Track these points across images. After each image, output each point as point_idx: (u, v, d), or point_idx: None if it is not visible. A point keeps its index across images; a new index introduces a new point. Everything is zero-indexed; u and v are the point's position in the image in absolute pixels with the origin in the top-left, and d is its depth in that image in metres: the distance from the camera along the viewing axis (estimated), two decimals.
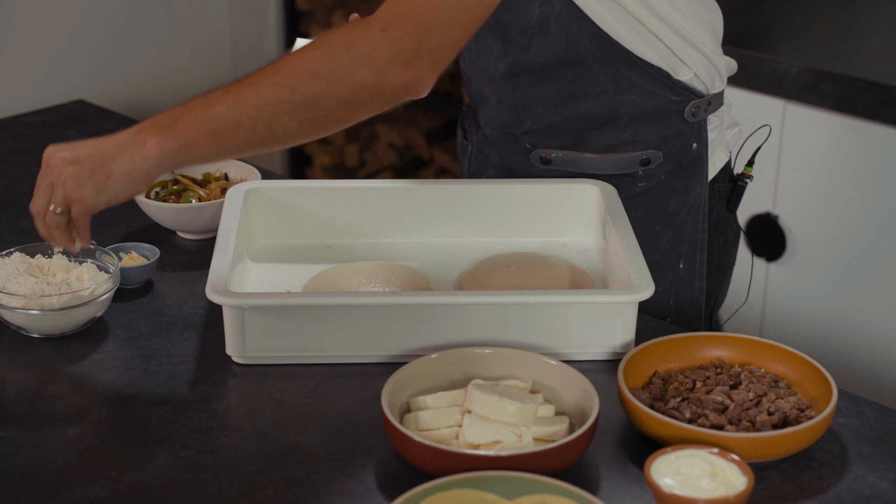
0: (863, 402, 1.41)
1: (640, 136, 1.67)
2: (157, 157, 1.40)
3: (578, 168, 1.70)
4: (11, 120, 2.22)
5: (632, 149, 1.68)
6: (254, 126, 1.39)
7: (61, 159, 1.42)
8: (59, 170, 1.42)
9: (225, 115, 1.39)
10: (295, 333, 1.44)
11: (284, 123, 1.39)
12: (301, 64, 1.39)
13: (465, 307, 1.44)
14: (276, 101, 1.38)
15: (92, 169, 1.41)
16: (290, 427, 1.36)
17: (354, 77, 1.39)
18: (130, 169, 1.40)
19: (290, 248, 1.68)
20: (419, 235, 1.70)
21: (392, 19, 1.40)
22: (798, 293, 2.51)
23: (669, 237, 1.72)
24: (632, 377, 1.37)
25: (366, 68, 1.39)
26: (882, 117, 2.33)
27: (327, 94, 1.39)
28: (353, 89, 1.39)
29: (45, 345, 1.51)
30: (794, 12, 2.73)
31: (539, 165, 1.71)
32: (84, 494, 1.26)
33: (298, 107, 1.39)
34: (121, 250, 1.66)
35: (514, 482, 1.19)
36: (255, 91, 1.39)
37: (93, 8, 2.83)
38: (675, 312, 1.74)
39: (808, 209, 2.47)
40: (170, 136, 1.39)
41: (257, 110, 1.38)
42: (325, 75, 1.38)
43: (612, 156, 1.68)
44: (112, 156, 1.41)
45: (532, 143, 1.70)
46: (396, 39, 1.39)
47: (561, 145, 1.69)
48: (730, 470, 1.22)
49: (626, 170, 1.69)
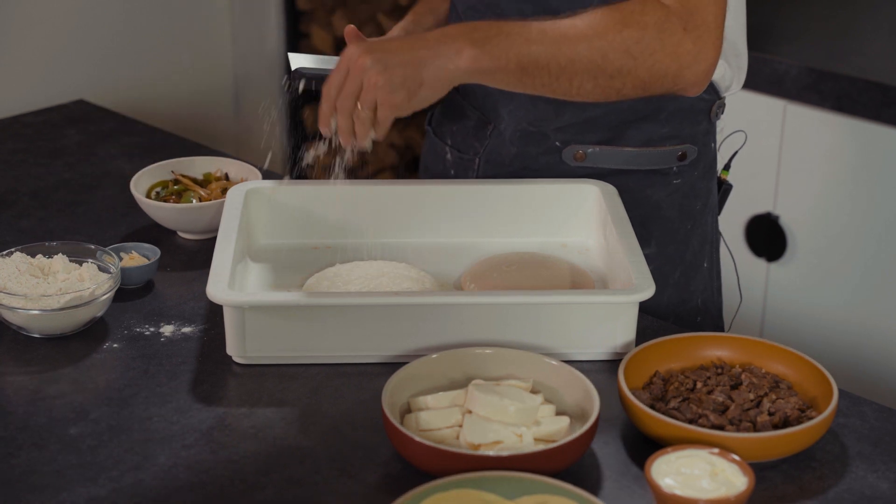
0: (863, 402, 1.41)
1: (677, 131, 1.67)
2: (468, 70, 1.44)
3: (613, 164, 1.68)
4: (12, 120, 2.22)
5: (669, 143, 1.68)
6: (558, 75, 1.47)
7: (372, 62, 1.41)
8: (371, 74, 1.41)
9: (539, 55, 1.45)
10: (295, 333, 1.44)
11: (584, 83, 1.48)
12: (619, 39, 1.46)
13: (466, 307, 1.44)
14: (587, 62, 1.46)
15: (405, 76, 1.42)
16: (291, 427, 1.36)
17: (659, 66, 1.48)
18: (442, 76, 1.44)
19: (290, 248, 1.68)
20: (419, 235, 1.70)
21: (689, 17, 1.48)
22: (799, 293, 2.51)
23: (697, 237, 1.73)
24: (632, 377, 1.37)
25: (671, 61, 1.48)
26: (883, 117, 2.33)
27: (631, 72, 1.48)
28: (652, 75, 1.49)
29: (46, 345, 1.51)
30: (794, 12, 2.73)
31: (570, 163, 1.68)
32: (84, 494, 1.26)
33: (603, 74, 1.48)
34: (121, 250, 1.66)
35: (515, 482, 1.19)
36: (572, 45, 1.46)
37: (93, 8, 2.83)
38: (703, 311, 1.76)
39: (809, 209, 2.47)
40: (485, 54, 1.44)
41: (568, 63, 1.46)
42: (637, 56, 1.47)
43: (650, 150, 1.67)
44: (424, 62, 1.43)
45: (564, 140, 1.68)
46: (698, 40, 1.48)
47: (597, 140, 1.67)
48: (730, 470, 1.22)
49: (662, 165, 1.69)
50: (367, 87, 1.42)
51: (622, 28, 1.47)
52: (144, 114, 2.79)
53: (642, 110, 1.65)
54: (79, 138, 2.15)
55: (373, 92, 1.42)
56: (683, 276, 1.73)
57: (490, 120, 1.74)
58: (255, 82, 3.34)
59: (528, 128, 1.69)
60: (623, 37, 1.47)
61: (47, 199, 1.90)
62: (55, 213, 1.85)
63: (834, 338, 2.48)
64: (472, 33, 1.45)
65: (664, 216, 1.71)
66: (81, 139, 2.14)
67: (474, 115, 1.77)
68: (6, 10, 2.66)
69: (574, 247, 1.70)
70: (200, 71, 3.19)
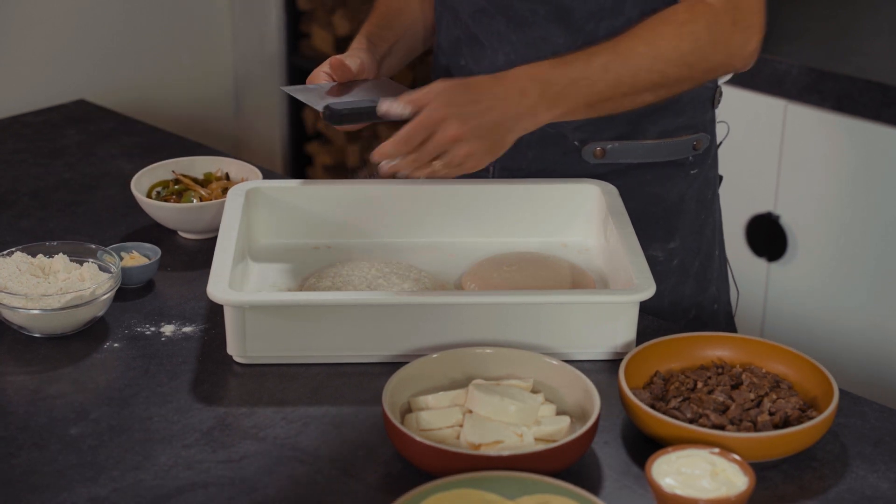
0: (864, 402, 1.41)
1: (691, 120, 1.70)
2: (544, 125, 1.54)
3: (632, 158, 1.69)
4: (12, 120, 2.22)
5: (684, 133, 1.70)
6: (622, 101, 1.55)
7: (460, 130, 1.45)
8: (462, 147, 1.46)
9: (602, 92, 1.53)
10: (296, 333, 1.44)
11: (645, 98, 1.57)
12: (676, 55, 1.54)
13: (466, 307, 1.44)
14: (648, 83, 1.55)
15: (492, 144, 1.48)
16: (291, 427, 1.36)
17: (713, 64, 1.57)
18: (520, 136, 1.52)
19: (291, 247, 1.68)
20: (420, 235, 1.70)
21: (737, 11, 1.55)
22: (799, 293, 2.51)
23: (710, 225, 1.76)
24: (633, 377, 1.37)
25: (723, 57, 1.56)
26: (883, 117, 2.33)
27: (688, 78, 1.57)
28: (707, 73, 1.58)
29: (46, 344, 1.51)
30: (794, 12, 2.73)
31: (590, 160, 1.69)
32: (85, 494, 1.26)
33: (663, 88, 1.56)
34: (122, 250, 1.66)
35: (516, 482, 1.19)
36: (633, 74, 1.53)
37: (94, 8, 2.83)
38: (718, 299, 1.79)
39: (810, 209, 2.47)
40: (558, 109, 1.52)
41: (630, 89, 1.54)
42: (693, 65, 1.55)
43: (667, 141, 1.69)
44: (508, 129, 1.49)
45: (582, 139, 1.69)
46: (746, 28, 1.56)
47: (615, 135, 1.68)
48: (731, 470, 1.22)
49: (679, 156, 1.70)
50: (455, 156, 1.47)
51: (678, 43, 1.54)
52: (144, 114, 2.79)
53: (659, 102, 1.65)
54: (79, 138, 2.15)
55: (460, 160, 1.47)
56: (701, 265, 1.76)
57: None
58: (255, 82, 3.34)
59: (547, 129, 1.68)
60: (680, 52, 1.54)
61: (47, 199, 1.90)
62: (55, 213, 1.85)
63: (834, 338, 2.47)
64: (546, 90, 1.50)
65: (686, 208, 1.73)
66: (81, 139, 2.14)
67: None
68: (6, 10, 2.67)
69: (574, 247, 1.70)
70: (200, 71, 3.19)
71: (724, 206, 1.83)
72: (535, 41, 1.64)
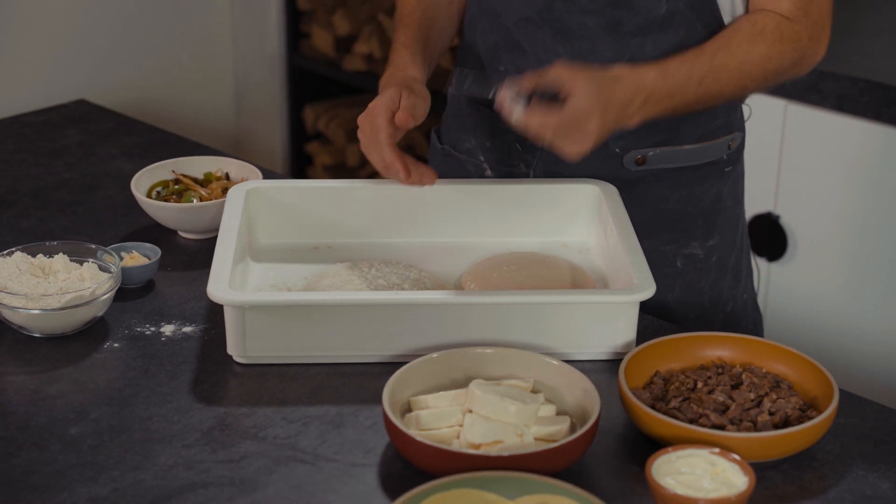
0: (864, 402, 1.41)
1: (727, 120, 1.72)
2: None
3: (673, 163, 1.70)
4: (12, 120, 2.22)
5: (721, 134, 1.72)
6: (696, 106, 1.58)
7: (594, 130, 1.47)
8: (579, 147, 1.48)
9: (690, 103, 1.57)
10: (296, 333, 1.45)
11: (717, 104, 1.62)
12: (761, 74, 1.59)
13: (466, 307, 1.44)
14: (727, 96, 1.60)
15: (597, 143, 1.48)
16: (291, 427, 1.36)
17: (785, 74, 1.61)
18: None
19: (291, 247, 1.68)
20: (419, 235, 1.70)
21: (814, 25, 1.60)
22: (799, 293, 2.51)
23: (742, 219, 1.80)
24: (633, 377, 1.37)
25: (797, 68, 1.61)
26: (883, 117, 2.32)
27: (762, 86, 1.62)
28: (779, 81, 1.62)
29: (47, 344, 1.51)
30: None
31: (632, 168, 1.69)
32: (85, 494, 1.26)
33: (734, 98, 1.64)
34: (122, 250, 1.66)
35: (516, 482, 1.19)
36: (720, 88, 1.58)
37: (93, 8, 2.83)
38: (748, 289, 1.82)
39: (810, 209, 2.47)
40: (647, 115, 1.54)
41: (711, 101, 1.58)
42: (771, 79, 1.60)
43: (705, 144, 1.71)
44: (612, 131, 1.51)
45: (624, 147, 1.69)
46: (818, 40, 1.61)
47: (655, 142, 1.69)
48: (731, 470, 1.22)
49: (716, 156, 1.72)
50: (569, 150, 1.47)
51: (766, 65, 1.58)
52: (144, 114, 2.79)
53: None
54: (79, 138, 2.15)
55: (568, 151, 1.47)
56: (737, 259, 1.78)
57: None
58: (255, 82, 3.34)
59: None
60: (765, 72, 1.58)
61: (48, 198, 1.90)
62: (55, 213, 1.85)
63: (834, 338, 2.47)
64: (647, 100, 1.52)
65: (723, 206, 1.75)
66: (82, 139, 2.14)
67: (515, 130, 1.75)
68: (6, 10, 2.67)
69: (574, 247, 1.70)
70: (200, 71, 3.19)
71: None
72: (583, 52, 1.64)
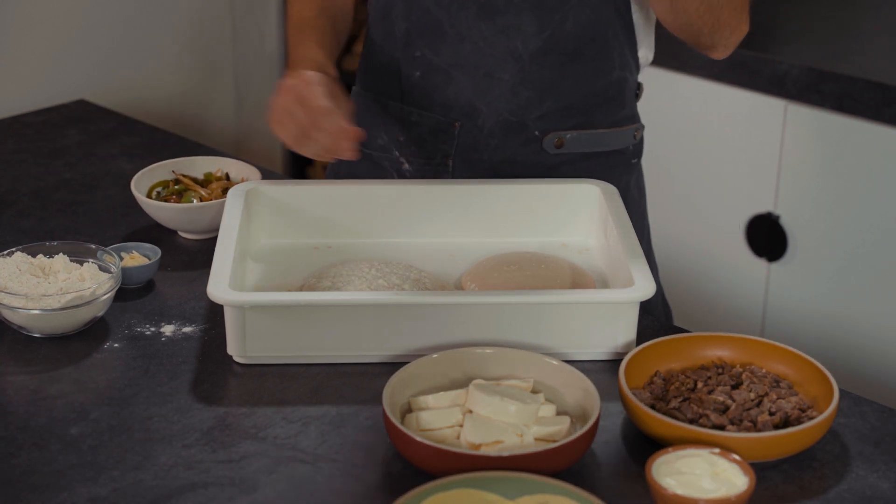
0: (864, 402, 1.41)
1: (632, 111, 1.78)
2: None
3: (588, 147, 1.74)
4: (12, 120, 2.22)
5: (628, 123, 1.77)
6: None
7: None
8: None
9: None
10: (296, 333, 1.45)
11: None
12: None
13: (466, 307, 1.44)
14: None
15: None
16: (291, 427, 1.36)
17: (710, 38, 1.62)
18: None
19: (291, 247, 1.68)
20: (419, 235, 1.70)
21: None
22: (799, 293, 2.51)
23: (646, 213, 1.86)
24: (633, 377, 1.37)
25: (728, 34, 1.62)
26: (883, 117, 2.32)
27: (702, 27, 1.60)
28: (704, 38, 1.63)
29: (47, 344, 1.51)
30: (794, 12, 2.73)
31: (551, 150, 1.73)
32: (85, 494, 1.26)
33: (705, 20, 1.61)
34: (122, 250, 1.66)
35: (516, 482, 1.19)
36: None
37: (93, 8, 2.83)
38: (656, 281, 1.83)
39: (810, 209, 2.47)
40: None
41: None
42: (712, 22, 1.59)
43: (616, 130, 1.75)
44: None
45: (543, 129, 1.72)
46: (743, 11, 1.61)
47: (573, 125, 1.73)
48: (731, 470, 1.22)
49: (625, 144, 1.77)
50: None
51: None
52: (144, 114, 2.79)
53: (608, 93, 1.72)
54: (79, 138, 2.15)
55: None
56: (646, 251, 1.82)
57: (456, 119, 1.73)
58: (255, 82, 3.34)
59: (510, 118, 1.71)
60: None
61: (47, 199, 1.90)
62: (55, 213, 1.85)
63: (834, 338, 2.47)
64: None
65: (632, 197, 1.80)
66: (82, 139, 2.14)
67: (428, 120, 1.76)
68: (6, 10, 2.67)
69: (574, 247, 1.70)
70: (200, 71, 3.19)
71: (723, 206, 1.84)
72: (506, 29, 1.67)
